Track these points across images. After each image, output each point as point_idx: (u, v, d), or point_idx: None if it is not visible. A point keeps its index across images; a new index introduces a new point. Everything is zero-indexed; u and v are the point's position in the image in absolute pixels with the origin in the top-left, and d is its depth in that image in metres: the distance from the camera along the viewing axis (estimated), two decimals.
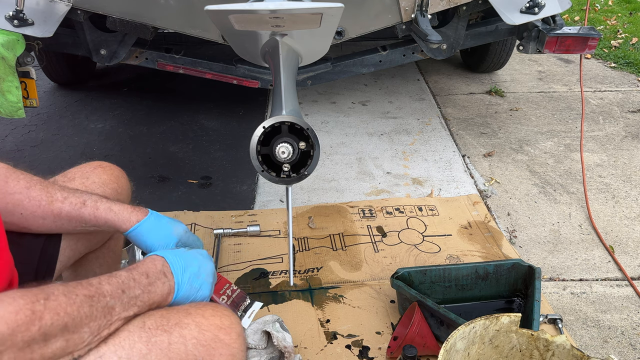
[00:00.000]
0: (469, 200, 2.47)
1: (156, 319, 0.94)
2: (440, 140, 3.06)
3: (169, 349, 0.91)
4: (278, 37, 1.55)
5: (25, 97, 2.21)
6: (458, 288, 1.79)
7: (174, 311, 0.97)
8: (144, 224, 1.15)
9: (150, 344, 0.90)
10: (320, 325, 1.77)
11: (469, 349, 1.39)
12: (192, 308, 0.98)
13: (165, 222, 1.19)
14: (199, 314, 0.97)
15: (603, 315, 1.86)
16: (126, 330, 0.90)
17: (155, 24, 2.37)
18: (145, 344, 0.90)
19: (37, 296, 0.80)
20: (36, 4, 2.15)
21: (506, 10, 2.36)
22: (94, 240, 1.29)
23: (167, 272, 1.01)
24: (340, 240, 2.20)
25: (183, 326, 0.94)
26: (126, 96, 3.65)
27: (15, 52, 2.06)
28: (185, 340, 0.93)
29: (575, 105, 3.53)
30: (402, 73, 4.05)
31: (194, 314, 0.97)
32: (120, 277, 0.93)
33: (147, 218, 1.16)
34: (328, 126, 3.23)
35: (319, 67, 2.74)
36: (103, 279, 0.91)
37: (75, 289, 0.85)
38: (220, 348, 0.95)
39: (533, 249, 2.19)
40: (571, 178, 2.70)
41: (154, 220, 1.17)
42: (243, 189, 2.60)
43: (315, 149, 1.34)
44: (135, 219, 1.15)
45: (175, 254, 1.06)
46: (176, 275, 1.02)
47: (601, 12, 5.76)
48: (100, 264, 1.37)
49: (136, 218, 1.15)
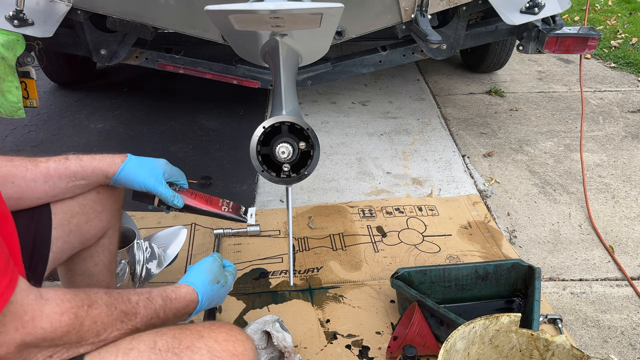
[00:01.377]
0: (469, 200, 2.47)
1: (168, 340, 0.91)
2: (440, 140, 3.06)
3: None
4: (278, 37, 1.55)
5: (25, 97, 2.21)
6: (458, 288, 1.79)
7: (187, 332, 0.94)
8: (129, 163, 1.21)
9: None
10: (320, 325, 1.77)
11: (469, 349, 1.39)
12: (206, 330, 0.96)
13: (146, 159, 1.26)
14: (212, 337, 0.94)
15: (603, 315, 1.86)
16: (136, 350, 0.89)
17: (155, 24, 2.37)
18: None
19: (83, 302, 0.85)
20: (36, 4, 2.15)
21: (506, 11, 2.36)
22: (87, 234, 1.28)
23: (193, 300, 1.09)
24: (340, 240, 2.20)
25: (195, 350, 0.91)
26: (126, 96, 3.65)
27: (15, 52, 2.06)
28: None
29: (575, 105, 3.53)
30: (402, 73, 4.05)
31: (206, 338, 0.94)
32: (156, 303, 0.99)
33: (129, 158, 1.22)
34: (328, 126, 3.23)
35: (319, 67, 2.74)
36: (141, 301, 0.96)
37: (115, 302, 0.91)
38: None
39: (533, 249, 2.19)
40: (571, 178, 2.70)
41: (136, 158, 1.23)
42: (243, 189, 2.60)
43: (315, 149, 1.34)
44: (120, 160, 1.21)
45: (206, 288, 1.13)
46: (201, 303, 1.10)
47: (601, 12, 5.76)
48: (95, 263, 1.38)
49: (120, 159, 1.21)
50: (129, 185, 1.24)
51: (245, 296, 1.89)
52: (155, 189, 1.25)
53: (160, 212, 2.33)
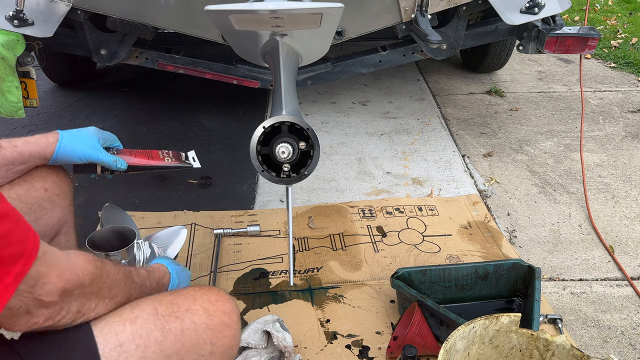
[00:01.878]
0: (469, 200, 2.47)
1: (167, 307, 1.00)
2: (440, 140, 3.06)
3: (182, 334, 0.98)
4: (278, 37, 1.55)
5: (25, 97, 2.21)
6: (458, 288, 1.79)
7: (181, 297, 1.04)
8: (64, 140, 1.22)
9: (165, 332, 0.96)
10: (320, 325, 1.77)
11: (469, 349, 1.39)
12: (198, 293, 1.06)
13: (77, 131, 1.28)
14: (205, 299, 1.05)
15: (603, 315, 1.86)
16: (141, 318, 0.96)
17: (155, 24, 2.37)
18: (160, 332, 0.96)
19: (94, 258, 0.93)
20: (36, 4, 2.15)
21: (506, 10, 2.36)
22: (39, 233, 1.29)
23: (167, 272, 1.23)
24: (340, 240, 2.20)
25: (193, 312, 1.01)
26: (126, 96, 3.65)
27: (16, 52, 2.06)
28: (196, 325, 1.00)
29: (575, 105, 3.53)
30: (402, 73, 4.05)
31: (200, 300, 1.04)
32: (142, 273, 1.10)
33: (61, 134, 1.23)
34: (328, 126, 3.23)
35: (319, 67, 2.74)
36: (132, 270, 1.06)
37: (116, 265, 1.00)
38: (225, 330, 1.05)
39: (533, 249, 2.19)
40: (571, 178, 2.70)
41: (67, 133, 1.25)
42: (243, 189, 2.60)
43: (315, 149, 1.34)
44: (53, 139, 1.22)
45: (172, 265, 1.27)
46: (172, 276, 1.23)
47: (601, 12, 5.76)
48: None
49: (54, 138, 1.22)
50: (68, 161, 1.26)
51: (245, 296, 1.89)
52: (97, 157, 1.28)
53: (160, 212, 2.34)
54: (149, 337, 0.94)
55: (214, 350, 1.03)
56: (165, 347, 0.96)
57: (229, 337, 1.06)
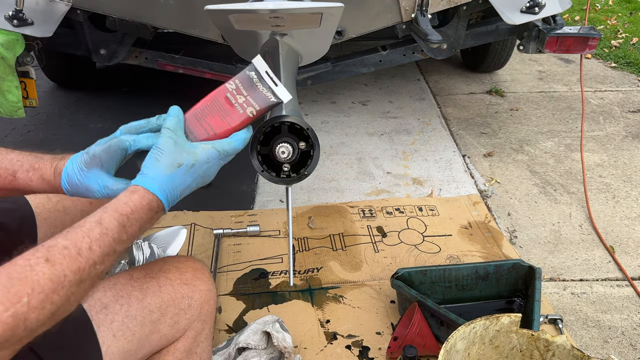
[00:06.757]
0: (469, 200, 2.47)
1: (140, 270, 1.07)
2: (441, 140, 3.06)
3: (160, 290, 1.05)
4: (278, 37, 1.55)
5: (24, 97, 2.21)
6: (458, 288, 1.78)
7: (151, 263, 1.13)
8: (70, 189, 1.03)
9: (144, 290, 1.03)
10: (320, 326, 1.77)
11: (469, 349, 1.39)
12: (168, 258, 1.16)
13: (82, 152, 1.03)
14: (174, 260, 1.15)
15: (603, 315, 1.85)
16: (119, 283, 1.02)
17: (155, 24, 2.37)
18: (140, 291, 1.03)
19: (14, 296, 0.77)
20: (36, 3, 2.14)
21: (506, 10, 2.36)
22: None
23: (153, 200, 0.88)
24: (340, 241, 2.20)
25: (166, 271, 1.09)
26: (126, 96, 3.65)
27: (15, 52, 2.06)
28: (172, 281, 1.07)
29: (575, 105, 3.53)
30: (402, 73, 4.04)
31: (170, 262, 1.13)
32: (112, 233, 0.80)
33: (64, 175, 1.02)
34: (328, 126, 3.22)
35: (319, 67, 2.73)
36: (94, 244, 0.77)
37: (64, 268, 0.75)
38: (200, 285, 1.11)
39: (533, 249, 2.19)
40: (571, 178, 2.70)
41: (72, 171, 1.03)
42: (243, 189, 2.59)
43: (315, 149, 1.33)
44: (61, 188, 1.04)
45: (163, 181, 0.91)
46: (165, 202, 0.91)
47: (601, 11, 5.76)
48: None
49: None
50: None
51: (245, 296, 1.89)
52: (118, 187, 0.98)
53: None
54: (130, 297, 1.00)
55: (191, 304, 1.09)
56: (147, 303, 1.02)
57: (205, 290, 1.12)
